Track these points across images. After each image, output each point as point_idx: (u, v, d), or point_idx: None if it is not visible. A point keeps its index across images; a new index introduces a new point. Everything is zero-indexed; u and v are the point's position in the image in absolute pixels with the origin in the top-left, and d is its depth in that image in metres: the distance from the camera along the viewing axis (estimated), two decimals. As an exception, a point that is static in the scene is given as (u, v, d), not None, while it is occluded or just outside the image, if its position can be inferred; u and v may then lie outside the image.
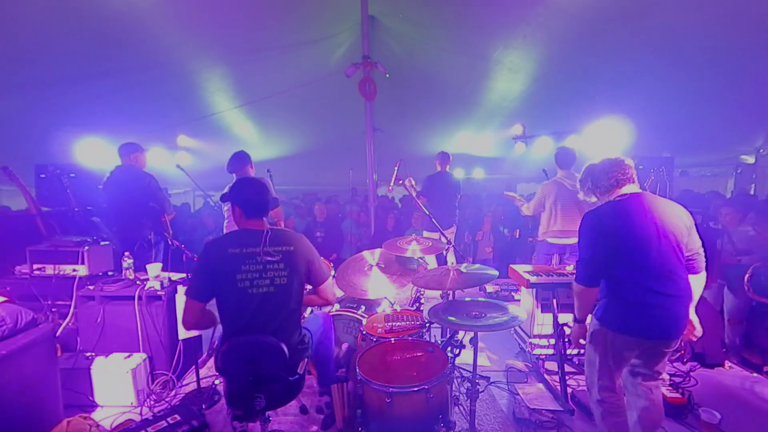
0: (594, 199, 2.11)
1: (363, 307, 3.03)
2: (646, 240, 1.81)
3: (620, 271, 1.85)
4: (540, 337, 3.11)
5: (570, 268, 3.16)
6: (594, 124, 5.37)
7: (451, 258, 4.55)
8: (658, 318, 1.83)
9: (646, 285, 1.81)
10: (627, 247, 1.82)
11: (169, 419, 2.28)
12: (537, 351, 3.13)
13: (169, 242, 3.35)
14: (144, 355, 2.85)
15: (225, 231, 3.93)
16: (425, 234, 5.07)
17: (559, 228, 3.93)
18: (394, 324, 2.54)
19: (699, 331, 2.01)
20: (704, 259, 1.96)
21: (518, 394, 2.83)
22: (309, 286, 2.15)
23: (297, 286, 1.98)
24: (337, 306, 3.08)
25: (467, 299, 2.44)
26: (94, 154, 4.96)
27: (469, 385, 2.18)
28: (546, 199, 4.03)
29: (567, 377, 2.80)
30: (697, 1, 3.78)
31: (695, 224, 1.94)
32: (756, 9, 3.61)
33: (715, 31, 4.06)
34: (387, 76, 5.48)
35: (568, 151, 4.10)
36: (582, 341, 2.06)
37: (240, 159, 3.78)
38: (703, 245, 1.97)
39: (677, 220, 1.87)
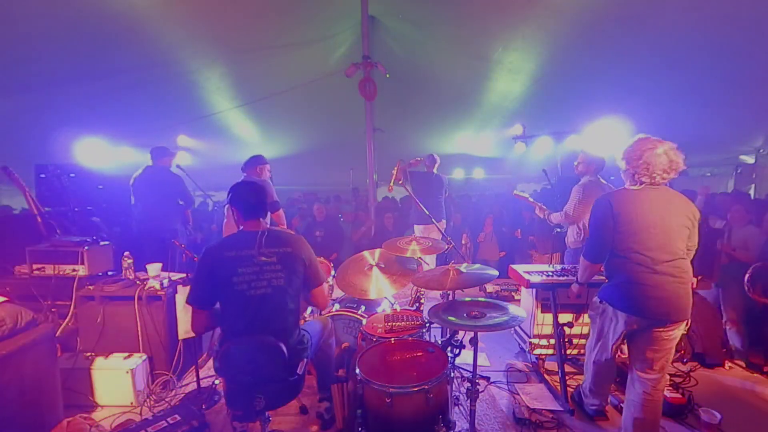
0: (624, 165, 2.09)
1: (363, 307, 3.02)
2: (653, 227, 1.92)
3: (626, 254, 1.98)
4: (540, 337, 3.10)
5: None
6: (594, 124, 5.37)
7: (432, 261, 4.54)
8: (658, 298, 1.93)
9: (650, 272, 1.93)
10: (634, 232, 1.95)
11: (169, 419, 2.28)
12: (537, 351, 3.12)
13: (189, 230, 4.17)
14: (144, 355, 2.84)
15: (224, 232, 3.95)
16: (415, 228, 5.14)
17: None
18: (394, 324, 2.54)
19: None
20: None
21: (518, 394, 2.83)
22: None
23: (295, 287, 1.98)
24: (337, 306, 3.08)
25: (467, 299, 2.43)
26: (94, 154, 4.97)
27: (469, 385, 2.18)
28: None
29: (567, 377, 2.80)
30: (696, 2, 3.77)
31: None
32: (756, 9, 3.61)
33: (715, 31, 4.06)
34: (387, 76, 5.48)
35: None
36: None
37: (251, 161, 4.08)
38: (704, 246, 2.03)
39: (685, 211, 1.98)
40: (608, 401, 2.57)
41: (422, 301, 3.27)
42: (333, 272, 3.49)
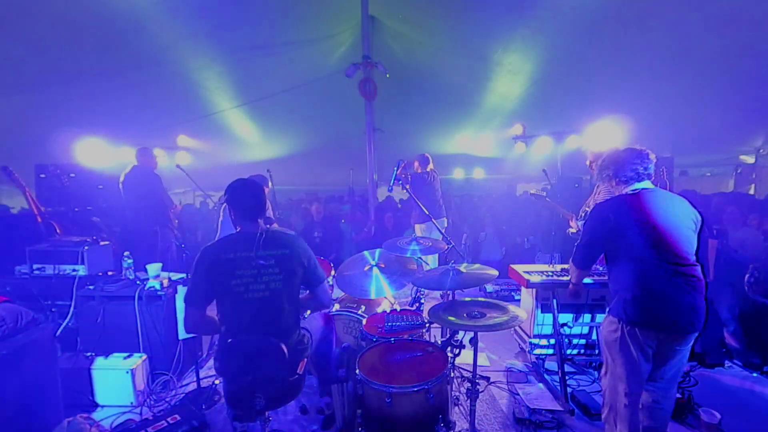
0: (602, 186, 2.12)
1: (363, 307, 3.02)
2: (660, 233, 1.85)
3: (635, 264, 1.88)
4: (540, 337, 3.10)
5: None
6: (594, 124, 5.37)
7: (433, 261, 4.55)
8: (674, 307, 1.84)
9: (661, 276, 1.85)
10: (641, 240, 1.86)
11: (169, 419, 2.28)
12: (537, 351, 3.12)
13: (175, 232, 4.01)
14: (144, 355, 2.84)
15: (218, 231, 3.95)
16: (417, 227, 5.14)
17: None
18: (394, 324, 2.54)
19: None
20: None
21: (518, 394, 2.83)
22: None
23: (293, 289, 1.96)
24: (337, 306, 3.08)
25: (467, 299, 2.44)
26: (94, 154, 4.96)
27: (469, 385, 2.18)
28: None
29: (567, 377, 2.80)
30: (695, 3, 3.78)
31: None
32: (755, 10, 3.61)
33: (715, 32, 4.06)
34: (387, 76, 5.48)
35: None
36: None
37: (256, 178, 3.93)
38: (704, 248, 1.99)
39: (690, 215, 1.92)
40: None
41: (422, 301, 3.28)
42: (333, 272, 3.49)
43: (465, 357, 2.68)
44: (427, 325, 2.59)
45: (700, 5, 3.77)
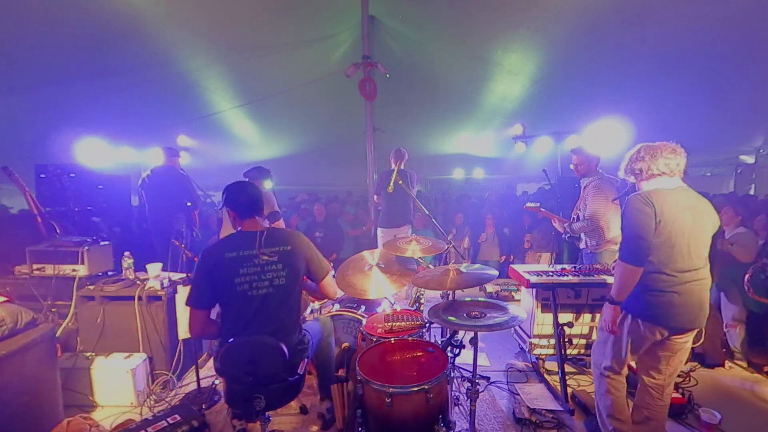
0: (633, 179, 2.10)
1: (363, 307, 3.02)
2: (683, 232, 1.85)
3: (655, 260, 1.89)
4: (540, 337, 3.10)
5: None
6: (594, 124, 5.36)
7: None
8: (685, 307, 1.87)
9: (677, 275, 1.86)
10: (668, 238, 1.86)
11: (169, 419, 2.28)
12: (537, 351, 3.12)
13: (194, 234, 4.18)
14: (144, 355, 2.85)
15: (221, 233, 3.96)
16: (380, 231, 4.86)
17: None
18: (394, 324, 2.54)
19: None
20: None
21: (518, 394, 2.83)
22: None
23: (296, 286, 1.98)
24: (337, 306, 3.08)
25: (467, 299, 2.43)
26: (94, 154, 4.96)
27: (469, 385, 2.18)
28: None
29: (567, 377, 2.80)
30: (695, 4, 3.78)
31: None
32: (754, 10, 3.62)
33: (714, 33, 4.06)
34: (387, 76, 5.48)
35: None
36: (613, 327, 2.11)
37: (257, 171, 3.94)
38: (714, 250, 2.01)
39: (712, 219, 1.93)
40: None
41: (422, 301, 3.27)
42: (333, 272, 3.49)
43: (465, 357, 2.68)
44: (427, 325, 2.59)
45: (700, 5, 3.77)
